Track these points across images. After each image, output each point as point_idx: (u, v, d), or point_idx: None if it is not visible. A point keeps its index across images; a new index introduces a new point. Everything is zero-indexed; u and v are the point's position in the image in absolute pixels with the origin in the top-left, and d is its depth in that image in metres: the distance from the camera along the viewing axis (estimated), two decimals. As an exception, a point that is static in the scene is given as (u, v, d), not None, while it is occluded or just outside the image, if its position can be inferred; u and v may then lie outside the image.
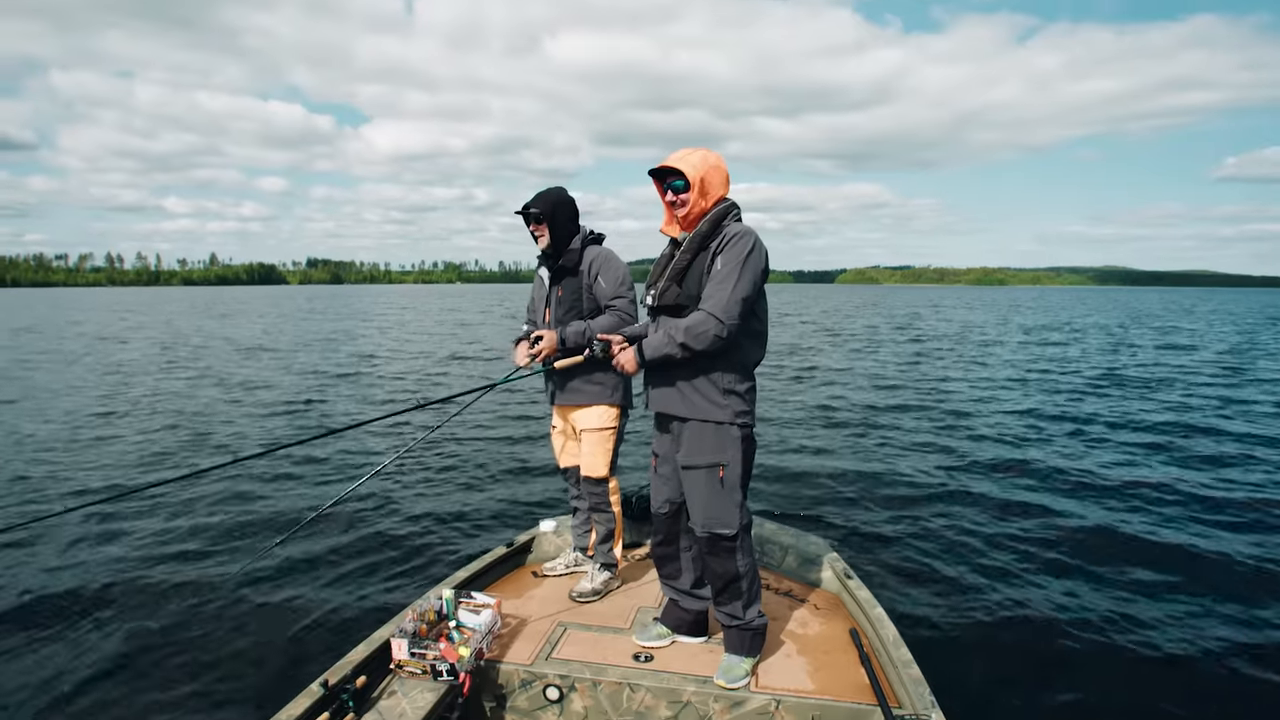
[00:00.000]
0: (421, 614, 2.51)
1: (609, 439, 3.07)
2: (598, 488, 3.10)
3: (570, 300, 3.01)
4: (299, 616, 4.01)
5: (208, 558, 4.83)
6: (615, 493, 3.15)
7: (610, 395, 3.01)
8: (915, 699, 2.19)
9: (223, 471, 6.53)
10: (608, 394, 3.01)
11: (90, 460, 7.51)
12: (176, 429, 9.10)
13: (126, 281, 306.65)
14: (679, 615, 2.69)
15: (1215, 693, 3.34)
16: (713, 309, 2.25)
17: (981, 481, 6.66)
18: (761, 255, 2.32)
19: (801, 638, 2.70)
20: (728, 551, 2.43)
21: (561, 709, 2.46)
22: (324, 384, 13.23)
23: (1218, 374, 14.72)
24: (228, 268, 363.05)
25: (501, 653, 2.58)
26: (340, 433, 3.76)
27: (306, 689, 2.18)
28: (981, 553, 4.91)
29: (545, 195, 2.97)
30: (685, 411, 2.41)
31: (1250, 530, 5.36)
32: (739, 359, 2.38)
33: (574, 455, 3.22)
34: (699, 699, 2.35)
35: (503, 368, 15.91)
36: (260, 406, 10.75)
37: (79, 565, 4.67)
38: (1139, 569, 4.64)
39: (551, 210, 2.94)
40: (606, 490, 3.11)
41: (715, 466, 2.39)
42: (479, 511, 5.89)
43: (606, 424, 3.05)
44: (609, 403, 3.03)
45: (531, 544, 3.58)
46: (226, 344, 21.68)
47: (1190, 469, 7.18)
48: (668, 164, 2.38)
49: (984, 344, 22.07)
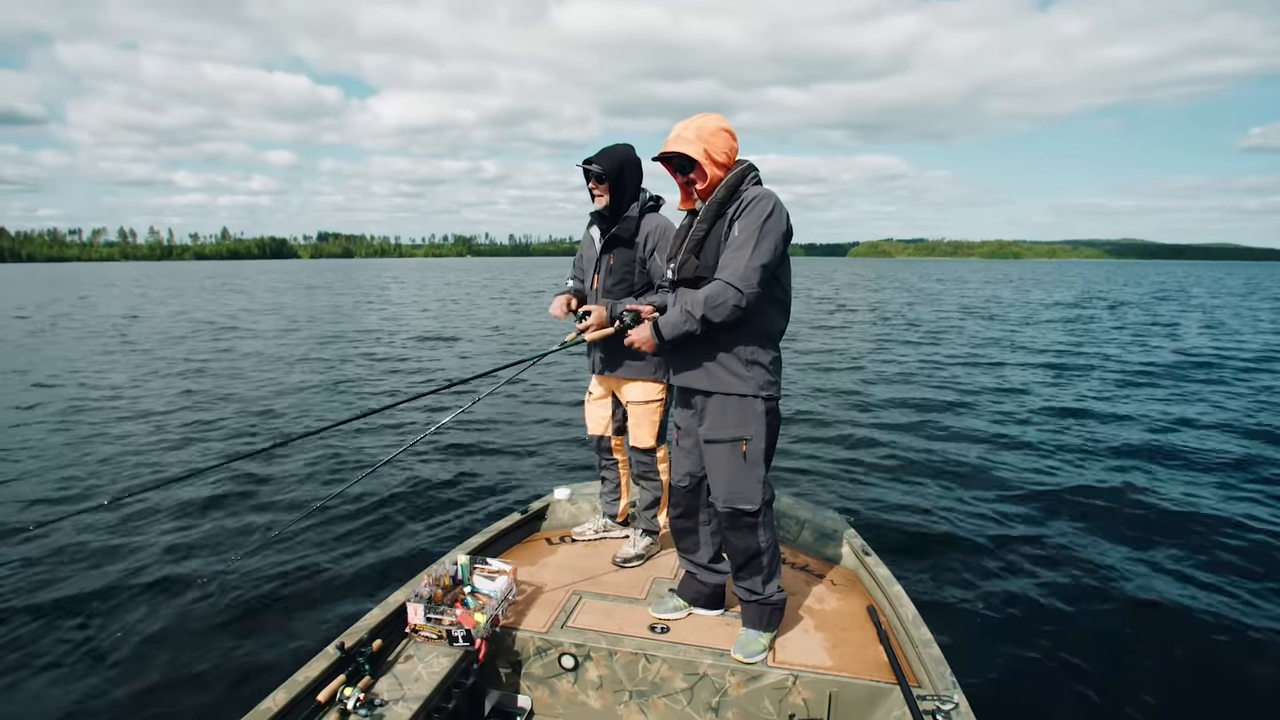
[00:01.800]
0: (437, 579, 2.50)
1: (655, 411, 3.04)
2: (646, 457, 3.10)
3: (622, 271, 2.91)
4: (316, 581, 4.06)
5: (225, 527, 4.89)
6: (663, 461, 3.12)
7: (655, 371, 2.96)
8: (935, 679, 2.15)
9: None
10: (651, 369, 2.96)
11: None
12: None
13: (140, 256, 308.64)
14: (696, 588, 2.66)
15: (1250, 677, 3.27)
16: (730, 278, 2.17)
17: (1007, 461, 6.54)
18: (782, 218, 2.24)
19: (819, 613, 2.67)
20: (749, 527, 2.39)
21: (576, 677, 2.46)
22: (373, 360, 13.18)
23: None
24: (239, 242, 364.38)
25: (517, 620, 2.57)
26: (377, 412, 3.79)
27: (323, 651, 2.19)
28: (1004, 533, 4.83)
29: (611, 152, 2.82)
30: (707, 385, 2.35)
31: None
32: (761, 328, 2.31)
33: (606, 425, 3.20)
34: (715, 672, 2.33)
35: (520, 347, 15.91)
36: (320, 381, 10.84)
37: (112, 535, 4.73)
38: (1170, 551, 4.54)
39: (618, 170, 2.80)
40: (654, 459, 3.10)
41: (738, 441, 2.33)
42: (493, 478, 5.92)
43: (652, 397, 3.02)
44: (654, 379, 2.98)
45: (546, 511, 3.57)
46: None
47: (1235, 447, 6.95)
48: (667, 149, 2.29)
49: (1017, 321, 21.50)
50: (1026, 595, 3.95)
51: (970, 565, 4.34)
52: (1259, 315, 23.96)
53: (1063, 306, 26.51)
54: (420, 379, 11.17)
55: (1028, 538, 4.75)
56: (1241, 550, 4.54)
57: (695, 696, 2.35)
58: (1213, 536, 4.74)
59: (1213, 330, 18.71)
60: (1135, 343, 15.75)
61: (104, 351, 14.18)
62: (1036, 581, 4.12)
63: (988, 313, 24.51)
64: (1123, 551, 4.53)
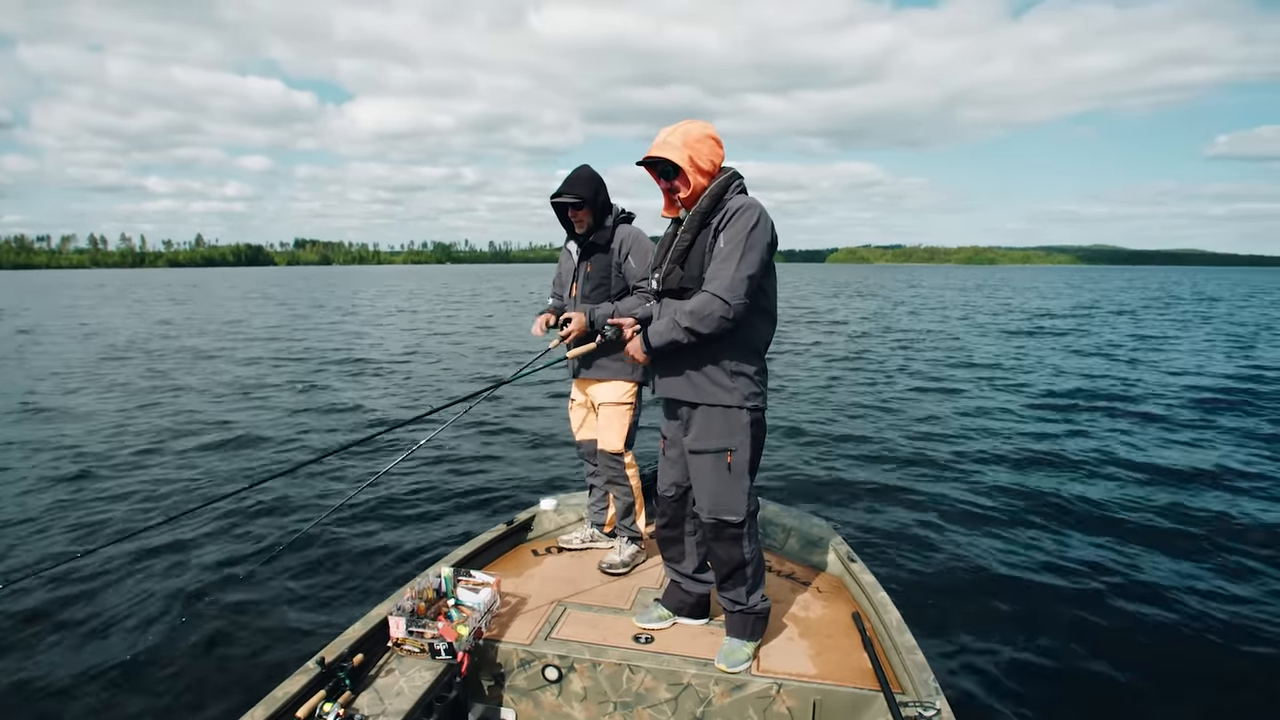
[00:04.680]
0: (420, 592, 2.48)
1: (626, 414, 3.08)
2: (614, 461, 3.11)
3: (598, 277, 2.98)
4: (296, 594, 3.99)
5: (214, 547, 4.77)
6: (632, 466, 3.15)
7: (631, 371, 3.02)
8: (919, 685, 2.16)
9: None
10: (628, 370, 3.01)
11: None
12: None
13: (111, 263, 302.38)
14: (681, 597, 2.66)
15: (1234, 683, 3.31)
16: (717, 289, 2.17)
17: (994, 469, 6.59)
18: (767, 228, 2.24)
19: (804, 621, 2.68)
20: (734, 538, 2.38)
21: (560, 689, 2.44)
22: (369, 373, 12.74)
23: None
24: (214, 249, 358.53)
25: (500, 632, 2.55)
26: (361, 443, 3.74)
27: (303, 666, 2.16)
28: (989, 540, 4.88)
29: (581, 178, 2.90)
30: (692, 396, 2.34)
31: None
32: (747, 339, 2.31)
33: (592, 429, 3.22)
34: (699, 681, 2.32)
35: (509, 355, 15.81)
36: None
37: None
38: (1156, 557, 4.59)
39: (594, 193, 2.88)
40: (623, 464, 3.11)
41: (723, 452, 2.33)
42: (479, 489, 5.87)
43: (624, 399, 3.06)
44: (628, 378, 3.03)
45: (532, 522, 3.55)
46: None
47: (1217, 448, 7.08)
48: (652, 154, 2.28)
49: (1005, 328, 21.69)
50: (1011, 602, 3.99)
51: (955, 571, 4.38)
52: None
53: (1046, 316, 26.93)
54: (404, 397, 11.06)
55: (1013, 545, 4.80)
56: (1230, 550, 4.64)
57: (680, 707, 2.34)
58: (1199, 542, 4.81)
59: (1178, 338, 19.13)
60: (1110, 347, 16.07)
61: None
62: (1021, 588, 4.17)
63: (975, 318, 24.86)
64: (1108, 557, 4.58)
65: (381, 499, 5.49)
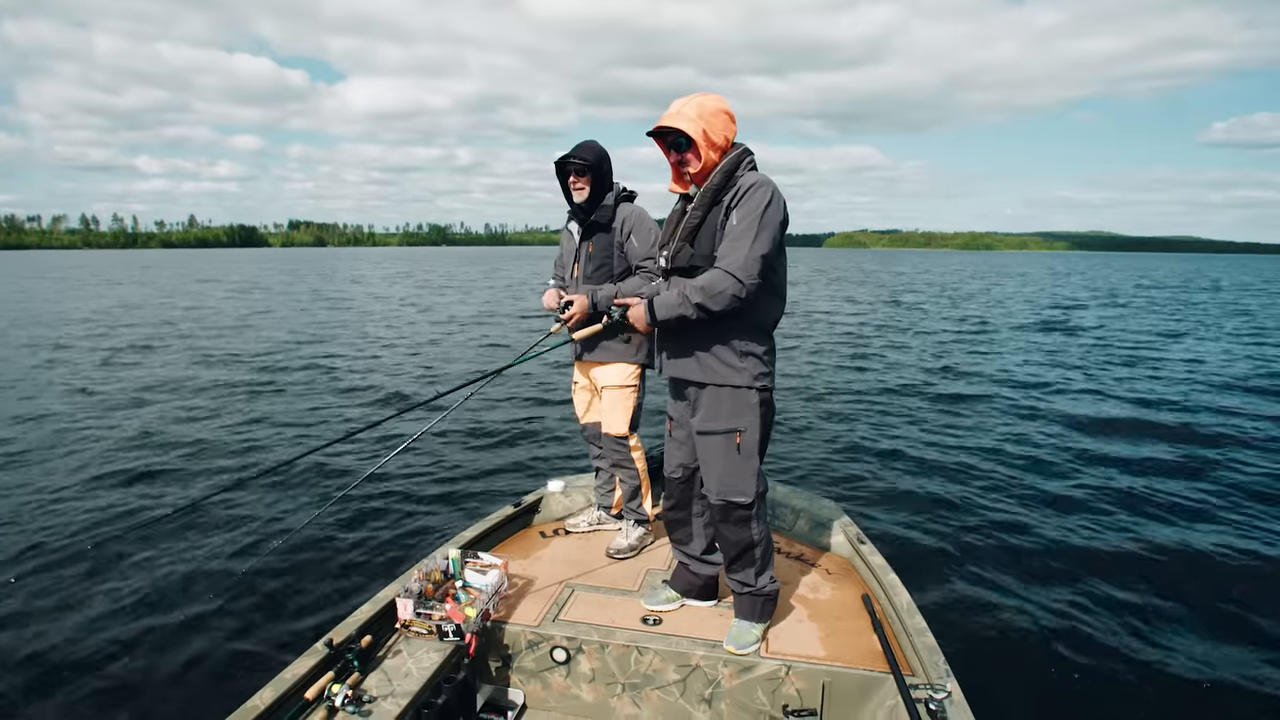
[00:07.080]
0: (427, 574, 2.47)
1: (630, 396, 3.07)
2: (619, 445, 3.11)
3: (601, 257, 2.96)
4: (304, 576, 3.99)
5: (218, 533, 4.75)
6: (637, 449, 3.14)
7: (634, 354, 3.01)
8: (929, 667, 2.16)
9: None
10: (631, 352, 3.00)
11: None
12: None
13: (103, 244, 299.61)
14: (689, 579, 2.65)
15: (1236, 682, 3.28)
16: (730, 267, 2.13)
17: (1005, 451, 6.56)
18: (780, 207, 2.20)
19: (813, 603, 2.67)
20: (742, 520, 2.37)
21: (568, 671, 2.44)
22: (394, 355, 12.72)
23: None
24: (207, 230, 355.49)
25: (508, 613, 2.55)
26: (364, 431, 3.73)
27: (311, 648, 2.15)
28: (999, 523, 4.86)
29: (590, 145, 2.92)
30: (700, 376, 2.32)
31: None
32: (756, 319, 2.28)
33: (596, 413, 3.21)
34: (708, 663, 2.32)
35: (515, 337, 15.76)
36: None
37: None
38: (1166, 542, 4.57)
39: (598, 161, 2.89)
40: (628, 447, 3.11)
41: (732, 433, 2.31)
42: (486, 471, 5.87)
43: (627, 381, 3.05)
44: (631, 361, 3.02)
45: (539, 504, 3.54)
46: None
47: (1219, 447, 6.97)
48: (664, 123, 2.22)
49: (1015, 315, 21.47)
50: (1021, 584, 3.99)
51: (966, 553, 4.38)
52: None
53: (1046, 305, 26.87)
54: (413, 378, 11.01)
55: (1024, 527, 4.78)
56: (1233, 546, 4.60)
57: (688, 688, 2.34)
58: (1210, 532, 4.79)
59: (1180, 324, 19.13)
60: (1117, 339, 16.06)
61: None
62: (1031, 571, 4.16)
63: (985, 303, 24.81)
64: (1119, 543, 4.56)
65: (388, 482, 5.48)
